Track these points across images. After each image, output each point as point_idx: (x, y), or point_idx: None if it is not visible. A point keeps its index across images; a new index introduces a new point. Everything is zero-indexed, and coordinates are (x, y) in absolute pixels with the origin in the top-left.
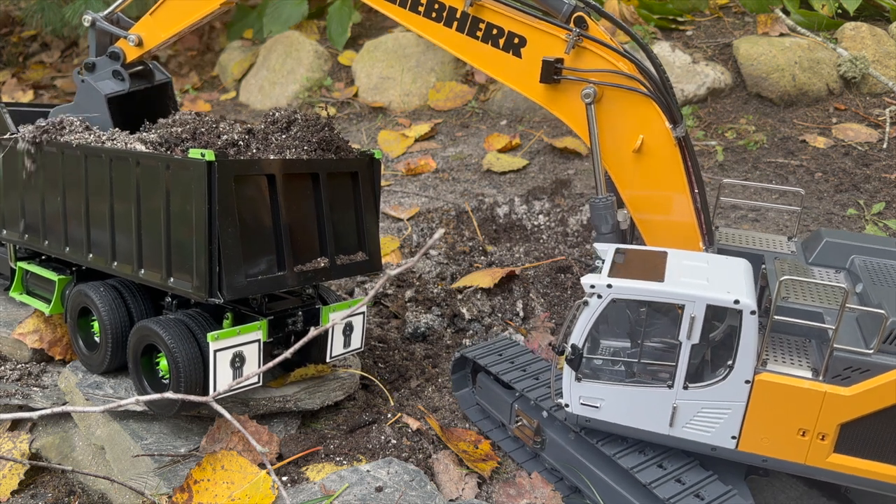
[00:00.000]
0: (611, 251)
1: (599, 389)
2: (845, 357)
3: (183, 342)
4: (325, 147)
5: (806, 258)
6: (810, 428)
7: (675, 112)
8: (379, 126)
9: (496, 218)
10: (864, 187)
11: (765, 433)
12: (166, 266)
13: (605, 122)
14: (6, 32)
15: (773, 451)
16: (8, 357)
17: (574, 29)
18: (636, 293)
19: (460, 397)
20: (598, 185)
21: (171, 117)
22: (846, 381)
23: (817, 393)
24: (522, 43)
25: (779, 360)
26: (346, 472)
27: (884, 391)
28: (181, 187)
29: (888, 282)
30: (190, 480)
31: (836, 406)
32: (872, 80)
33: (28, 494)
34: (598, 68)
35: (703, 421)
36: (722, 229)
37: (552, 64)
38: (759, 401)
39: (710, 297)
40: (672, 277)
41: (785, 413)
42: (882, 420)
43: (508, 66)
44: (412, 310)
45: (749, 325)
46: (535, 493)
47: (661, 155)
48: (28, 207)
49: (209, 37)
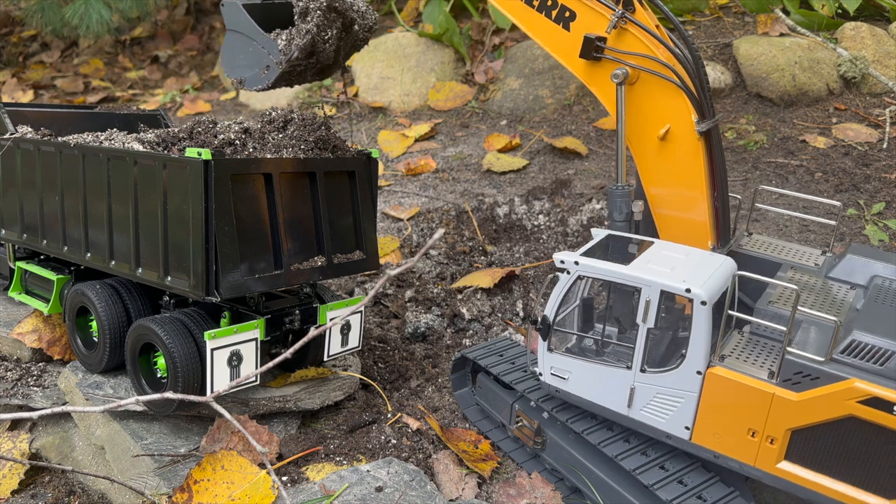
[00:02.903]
0: (600, 234)
1: (568, 362)
2: (796, 362)
3: (180, 341)
4: (322, 146)
5: (826, 272)
6: (760, 429)
7: (704, 107)
8: (379, 126)
9: (496, 218)
10: (864, 187)
11: (717, 428)
12: (164, 265)
13: (637, 105)
14: (6, 32)
15: (725, 448)
16: (7, 357)
17: (618, 10)
18: (599, 273)
19: (459, 397)
20: (618, 172)
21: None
22: (797, 387)
23: (766, 394)
24: (572, 17)
25: (741, 359)
26: (346, 472)
27: (830, 402)
28: (178, 186)
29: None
30: (190, 480)
31: (785, 410)
32: (872, 80)
33: (28, 494)
34: (636, 52)
35: (658, 406)
36: (755, 236)
37: (593, 41)
38: (711, 394)
39: (665, 283)
40: (639, 263)
41: (736, 410)
42: (830, 433)
43: (557, 37)
44: (412, 310)
45: (700, 316)
46: (535, 493)
47: (682, 146)
48: (26, 207)
49: (209, 37)
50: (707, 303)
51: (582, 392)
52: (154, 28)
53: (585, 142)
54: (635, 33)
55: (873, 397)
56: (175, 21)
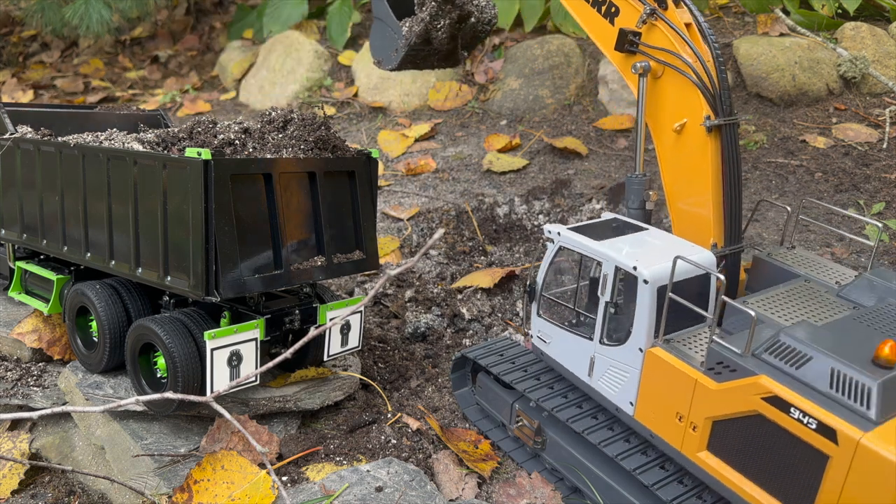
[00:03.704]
0: (607, 216)
1: (550, 328)
2: (718, 352)
3: (180, 340)
4: (322, 146)
5: (840, 290)
6: (685, 414)
7: (717, 104)
8: (379, 126)
9: (496, 218)
10: (864, 187)
11: (653, 407)
12: (164, 265)
13: (660, 97)
14: (6, 32)
15: (658, 428)
16: (7, 357)
17: (647, 7)
18: (574, 245)
19: (459, 396)
20: (637, 161)
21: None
22: (718, 377)
23: (690, 379)
24: (616, 12)
25: (688, 345)
26: (346, 472)
27: (740, 395)
28: (178, 186)
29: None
30: (190, 480)
31: (705, 398)
32: (872, 80)
33: (28, 494)
34: (661, 47)
35: (611, 378)
36: (797, 250)
37: (627, 34)
38: (649, 373)
39: (618, 259)
40: (612, 241)
41: (668, 392)
42: (743, 428)
43: (603, 30)
44: (412, 310)
45: (643, 294)
46: (535, 493)
47: (692, 141)
48: (26, 207)
49: (209, 37)
50: (649, 282)
51: (557, 356)
52: (154, 28)
53: (585, 142)
54: (663, 30)
55: (774, 396)
56: (175, 21)
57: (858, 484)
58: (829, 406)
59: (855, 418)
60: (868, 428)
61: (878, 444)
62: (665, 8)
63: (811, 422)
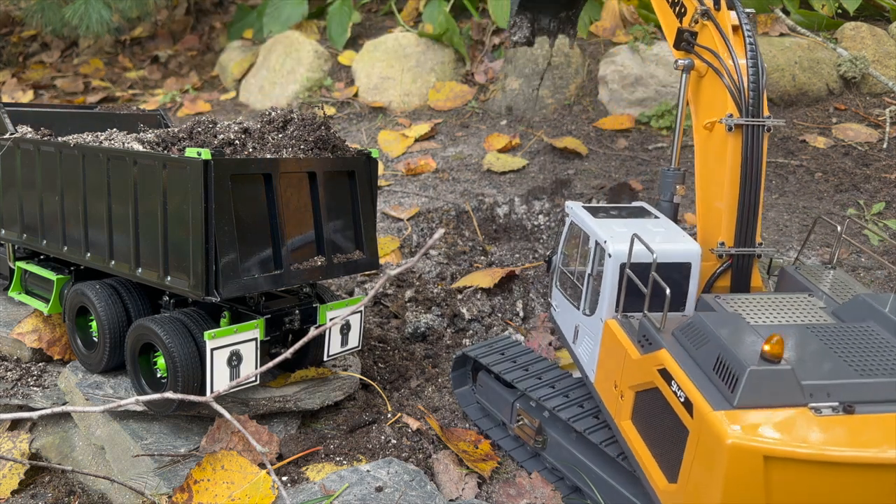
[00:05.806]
0: (636, 203)
1: (559, 297)
2: (645, 325)
3: (180, 340)
4: (322, 146)
5: (834, 308)
6: (619, 383)
7: (744, 106)
8: (379, 126)
9: (496, 218)
10: (864, 187)
11: (604, 376)
12: (164, 265)
13: (702, 94)
14: (6, 32)
15: (604, 395)
16: (7, 357)
17: (699, 7)
18: (577, 220)
19: (460, 395)
20: (673, 155)
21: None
22: (642, 349)
23: (622, 348)
24: (684, 11)
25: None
26: (346, 472)
27: (645, 366)
28: (178, 186)
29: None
30: (190, 480)
31: (629, 367)
32: (872, 80)
33: (28, 494)
34: (707, 47)
35: (585, 347)
36: (836, 271)
37: (683, 32)
38: (604, 342)
39: (599, 234)
40: (609, 221)
41: (611, 362)
42: (649, 401)
43: (672, 27)
44: (412, 310)
45: (608, 267)
46: (535, 492)
47: (715, 138)
48: (26, 207)
49: (209, 37)
50: (612, 256)
51: (560, 323)
52: (154, 28)
53: (585, 142)
54: (712, 31)
55: (664, 368)
56: (175, 21)
57: (703, 459)
58: (704, 386)
59: (718, 399)
60: (723, 407)
61: (723, 422)
62: (718, 9)
63: (681, 395)
